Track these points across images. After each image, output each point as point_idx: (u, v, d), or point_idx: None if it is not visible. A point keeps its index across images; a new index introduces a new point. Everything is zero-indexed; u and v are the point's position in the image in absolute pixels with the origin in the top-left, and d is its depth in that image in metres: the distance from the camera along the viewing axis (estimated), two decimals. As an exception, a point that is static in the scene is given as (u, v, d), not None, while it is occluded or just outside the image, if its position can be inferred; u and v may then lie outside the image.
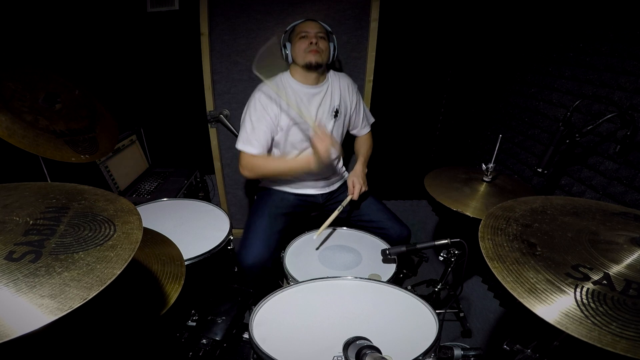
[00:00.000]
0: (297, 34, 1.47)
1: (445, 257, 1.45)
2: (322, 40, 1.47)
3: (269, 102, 1.47)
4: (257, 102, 1.48)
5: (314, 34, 1.45)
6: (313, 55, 1.44)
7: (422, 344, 0.86)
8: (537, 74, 1.55)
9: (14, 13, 1.52)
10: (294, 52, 1.48)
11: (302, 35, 1.46)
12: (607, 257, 0.65)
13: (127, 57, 2.06)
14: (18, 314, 0.44)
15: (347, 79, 1.66)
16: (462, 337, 1.70)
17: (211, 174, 2.38)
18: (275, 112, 1.48)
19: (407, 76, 2.13)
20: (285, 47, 1.51)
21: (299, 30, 1.47)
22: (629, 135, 1.05)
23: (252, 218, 1.57)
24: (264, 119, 1.47)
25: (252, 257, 1.42)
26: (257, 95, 1.49)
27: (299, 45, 1.46)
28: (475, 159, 1.98)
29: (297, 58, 1.48)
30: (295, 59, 1.49)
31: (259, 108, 1.47)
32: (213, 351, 1.09)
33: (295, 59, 1.48)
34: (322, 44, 1.46)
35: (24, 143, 1.05)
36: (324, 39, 1.48)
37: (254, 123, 1.47)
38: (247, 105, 1.51)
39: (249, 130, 1.47)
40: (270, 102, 1.47)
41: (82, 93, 1.36)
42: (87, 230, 0.60)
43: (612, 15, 1.20)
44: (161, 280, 0.89)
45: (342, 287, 1.08)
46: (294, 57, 1.49)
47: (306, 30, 1.46)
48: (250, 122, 1.47)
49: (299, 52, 1.46)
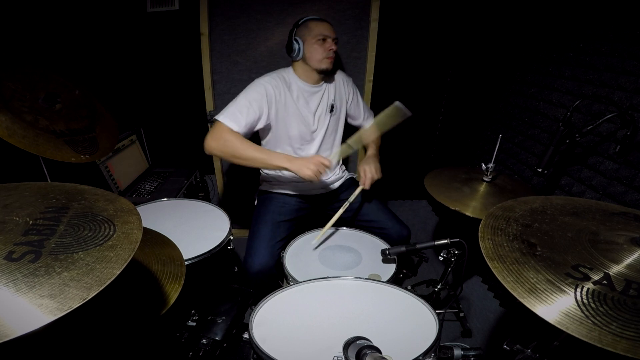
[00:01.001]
0: (315, 35, 1.44)
1: (445, 257, 1.45)
2: (336, 46, 1.48)
3: (273, 91, 1.45)
4: (262, 86, 1.44)
5: (332, 39, 1.45)
6: (330, 62, 1.47)
7: (422, 344, 0.86)
8: (537, 74, 1.55)
9: (14, 13, 1.52)
10: (308, 52, 1.46)
11: (321, 39, 1.44)
12: (607, 257, 0.65)
13: (127, 57, 2.06)
14: (18, 314, 0.44)
15: (341, 74, 1.67)
16: (462, 337, 1.70)
17: (211, 174, 2.38)
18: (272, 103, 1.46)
19: (407, 76, 2.13)
20: (296, 41, 1.46)
21: (317, 32, 1.44)
22: (629, 135, 1.05)
23: (255, 226, 1.56)
24: (259, 104, 1.42)
25: (258, 264, 1.42)
26: (262, 81, 1.46)
27: (316, 48, 1.44)
28: (475, 159, 1.98)
29: (311, 60, 1.47)
30: (308, 60, 1.47)
31: (262, 92, 1.43)
32: (213, 351, 1.09)
33: (309, 60, 1.47)
34: (336, 48, 1.47)
35: (24, 143, 1.05)
36: (336, 53, 1.49)
37: (250, 102, 1.41)
38: (248, 86, 1.47)
39: (240, 106, 1.40)
40: (274, 91, 1.46)
41: (82, 93, 1.36)
42: (86, 230, 0.60)
43: (612, 15, 1.20)
44: (161, 280, 0.88)
45: (342, 287, 1.08)
46: (307, 57, 1.47)
47: (326, 35, 1.44)
48: (245, 99, 1.41)
49: (316, 55, 1.45)
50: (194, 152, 2.30)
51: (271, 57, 2.01)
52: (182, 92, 2.14)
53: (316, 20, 1.47)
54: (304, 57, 1.48)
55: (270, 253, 1.45)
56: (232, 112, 1.39)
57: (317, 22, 1.46)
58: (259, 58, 2.01)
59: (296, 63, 1.53)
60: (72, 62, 1.78)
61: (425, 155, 2.43)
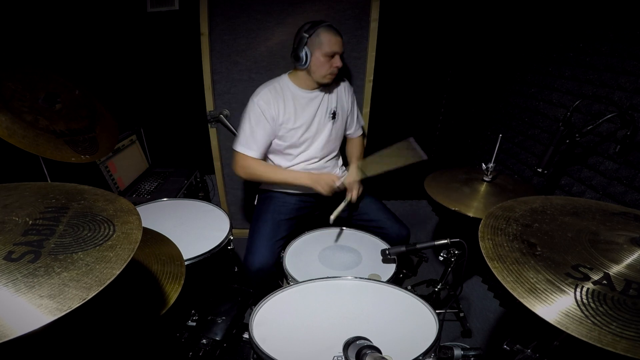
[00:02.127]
0: (325, 51, 1.41)
1: (445, 257, 1.45)
2: (342, 61, 1.47)
3: (267, 106, 1.48)
4: (255, 106, 1.49)
5: (339, 55, 1.45)
6: (332, 78, 1.50)
7: (422, 344, 0.86)
8: (537, 74, 1.55)
9: (14, 13, 1.52)
10: (314, 65, 1.45)
11: (330, 55, 1.43)
12: (607, 257, 0.65)
13: (127, 57, 2.06)
14: (17, 314, 0.44)
15: (344, 82, 1.67)
16: (462, 337, 1.69)
17: (211, 174, 2.38)
18: (272, 115, 1.48)
19: (407, 76, 2.13)
20: (306, 52, 1.43)
21: (328, 49, 1.41)
22: (629, 135, 1.05)
23: (256, 224, 1.58)
24: (262, 124, 1.49)
25: (258, 263, 1.43)
26: (255, 100, 1.50)
27: (323, 64, 1.44)
28: (475, 159, 1.98)
29: (315, 73, 1.47)
30: (312, 72, 1.47)
31: (258, 112, 1.48)
32: (213, 351, 1.09)
33: (313, 73, 1.47)
34: (341, 65, 1.47)
35: (24, 143, 1.05)
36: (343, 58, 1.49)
37: (253, 127, 1.49)
38: (246, 110, 1.52)
39: (248, 134, 1.50)
40: (268, 106, 1.48)
41: (82, 93, 1.36)
42: (86, 231, 0.60)
43: (612, 15, 1.20)
44: (161, 280, 0.88)
45: (342, 287, 1.08)
46: (312, 69, 1.46)
47: (336, 51, 1.43)
48: (249, 126, 1.49)
49: (322, 70, 1.45)
50: (194, 152, 2.31)
51: (271, 57, 2.00)
52: (182, 92, 2.14)
53: (329, 31, 1.42)
54: (308, 68, 1.47)
55: (270, 251, 1.45)
56: (244, 142, 1.52)
57: (329, 34, 1.41)
58: (259, 58, 2.01)
59: (298, 70, 1.52)
60: (72, 62, 1.78)
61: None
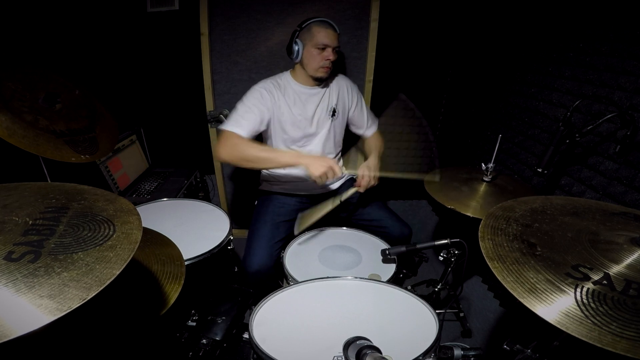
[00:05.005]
0: (315, 42, 1.42)
1: (445, 257, 1.45)
2: (336, 55, 1.47)
3: (268, 95, 1.48)
4: (255, 91, 1.49)
5: (332, 48, 1.44)
6: (325, 72, 1.48)
7: (422, 344, 0.86)
8: (537, 74, 1.55)
9: (14, 13, 1.52)
10: (306, 58, 1.46)
11: (321, 47, 1.43)
12: (607, 257, 0.65)
13: (127, 57, 2.06)
14: (17, 314, 0.44)
15: (346, 80, 1.67)
16: (462, 337, 1.70)
17: (211, 174, 2.38)
18: (269, 105, 1.48)
19: (407, 76, 2.12)
20: (296, 44, 1.46)
21: (319, 39, 1.42)
22: (629, 135, 1.05)
23: (255, 225, 1.57)
24: (259, 107, 1.46)
25: (257, 264, 1.42)
26: (256, 87, 1.50)
27: (314, 56, 1.44)
28: (475, 159, 1.98)
29: (307, 66, 1.48)
30: (305, 65, 1.48)
31: (258, 96, 1.48)
32: (213, 351, 1.09)
33: (306, 66, 1.48)
34: (334, 58, 1.46)
35: (24, 143, 1.05)
36: (337, 52, 1.48)
37: (248, 108, 1.45)
38: (245, 94, 1.51)
39: (240, 114, 1.44)
40: (269, 95, 1.48)
41: (82, 93, 1.36)
42: (86, 231, 0.60)
43: (612, 15, 1.20)
44: (161, 280, 0.88)
45: (342, 287, 1.08)
46: (304, 62, 1.48)
47: (326, 44, 1.43)
48: (245, 106, 1.46)
49: (313, 63, 1.45)
50: (194, 152, 2.31)
51: (271, 57, 2.00)
52: (182, 92, 2.14)
53: (321, 25, 1.44)
54: (301, 61, 1.49)
55: (269, 253, 1.45)
56: (235, 119, 1.43)
57: (321, 27, 1.43)
58: (259, 58, 2.01)
59: (296, 65, 1.54)
60: (72, 62, 1.77)
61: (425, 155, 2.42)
